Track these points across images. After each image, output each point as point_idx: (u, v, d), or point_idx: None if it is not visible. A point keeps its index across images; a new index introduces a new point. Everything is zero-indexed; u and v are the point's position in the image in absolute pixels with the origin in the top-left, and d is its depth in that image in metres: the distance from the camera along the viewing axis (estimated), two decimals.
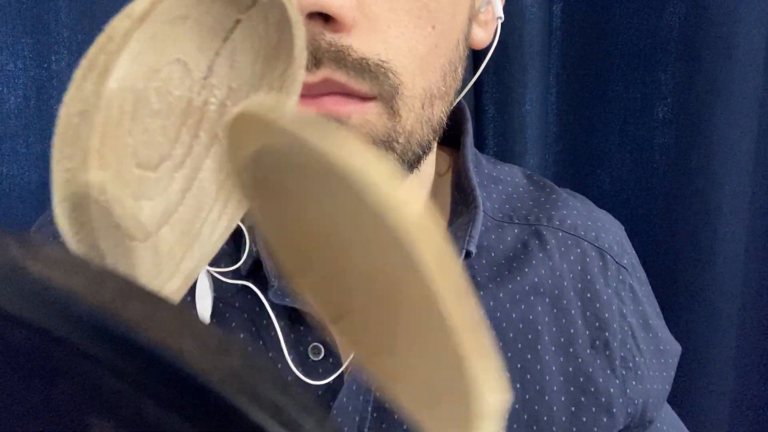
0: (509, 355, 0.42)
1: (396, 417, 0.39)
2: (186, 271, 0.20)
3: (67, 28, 0.59)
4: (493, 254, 0.44)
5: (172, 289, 0.20)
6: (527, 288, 0.43)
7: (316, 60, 0.30)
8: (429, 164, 0.44)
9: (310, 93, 0.31)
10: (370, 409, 0.39)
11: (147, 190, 0.18)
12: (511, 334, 0.42)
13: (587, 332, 0.44)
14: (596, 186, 0.67)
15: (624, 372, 0.44)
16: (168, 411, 0.10)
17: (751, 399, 0.69)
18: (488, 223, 0.45)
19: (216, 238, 0.21)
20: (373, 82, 0.31)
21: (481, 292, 0.42)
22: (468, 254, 0.41)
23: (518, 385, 0.41)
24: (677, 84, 0.62)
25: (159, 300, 0.11)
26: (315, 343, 0.40)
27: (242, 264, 0.40)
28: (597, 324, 0.44)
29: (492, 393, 0.14)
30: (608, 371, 0.43)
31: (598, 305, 0.44)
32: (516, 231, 0.45)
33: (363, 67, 0.31)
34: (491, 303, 0.42)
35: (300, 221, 0.17)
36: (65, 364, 0.10)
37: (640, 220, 0.65)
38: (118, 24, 0.15)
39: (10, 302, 0.10)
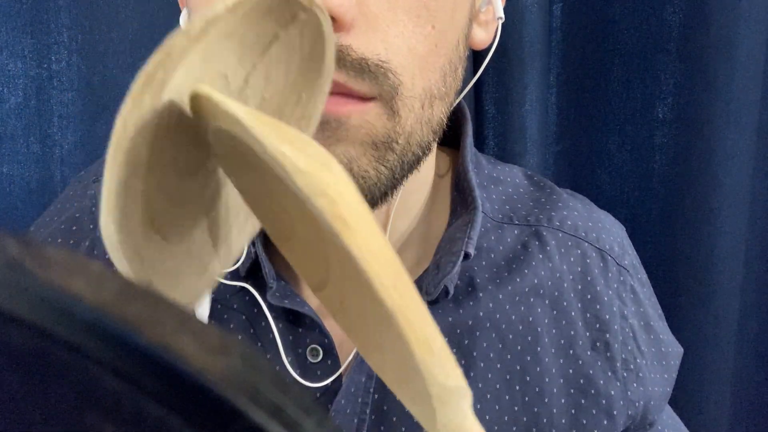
0: (508, 357, 0.42)
1: (394, 419, 0.39)
2: (213, 273, 0.21)
3: (67, 28, 0.59)
4: (492, 255, 0.44)
5: (198, 290, 0.20)
6: (527, 289, 0.43)
7: None
8: (429, 165, 0.44)
9: None
10: (368, 411, 0.39)
11: (184, 195, 0.19)
12: (511, 336, 0.42)
13: (588, 334, 0.43)
14: (596, 186, 0.67)
15: (625, 374, 0.44)
16: (168, 411, 0.10)
17: (751, 399, 0.69)
18: (488, 224, 0.45)
19: (242, 241, 0.21)
20: (372, 83, 0.31)
21: (481, 294, 0.42)
22: (467, 256, 0.40)
23: (517, 387, 0.41)
24: (677, 84, 0.62)
25: (159, 300, 0.11)
26: (313, 345, 0.40)
27: (240, 265, 0.40)
28: (598, 326, 0.44)
29: (444, 376, 0.15)
30: (609, 373, 0.43)
31: (598, 306, 0.44)
32: (516, 232, 0.45)
33: (362, 67, 0.31)
34: (490, 305, 0.42)
35: (270, 194, 0.18)
36: (65, 364, 0.10)
37: (639, 220, 0.65)
38: (176, 42, 0.16)
39: (10, 302, 0.10)
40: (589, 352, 0.43)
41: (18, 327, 0.10)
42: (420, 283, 0.41)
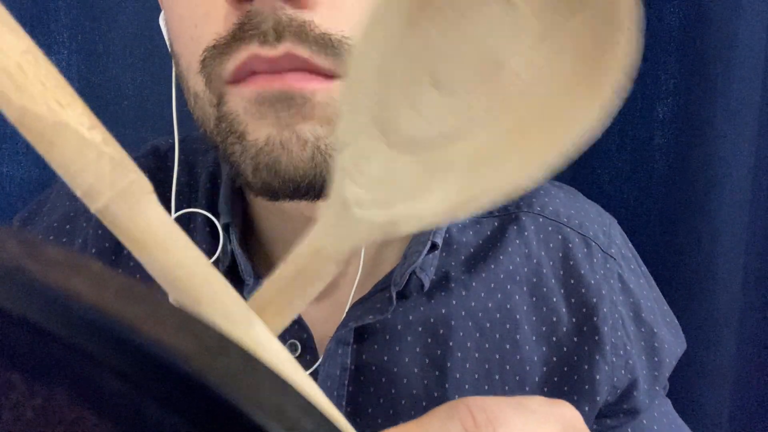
0: (486, 346, 0.41)
1: (369, 410, 0.40)
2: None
3: (67, 28, 0.59)
4: (471, 250, 0.44)
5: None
6: (502, 276, 0.42)
7: (277, 34, 0.29)
8: None
9: (273, 68, 0.30)
10: (343, 403, 0.40)
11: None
12: (488, 325, 0.41)
13: (573, 320, 0.43)
14: (596, 186, 0.67)
15: (614, 359, 0.43)
16: (168, 411, 0.10)
17: (751, 399, 0.69)
18: (466, 221, 0.45)
19: None
20: (336, 59, 0.30)
21: (453, 284, 0.42)
22: (435, 246, 0.40)
23: (497, 377, 0.41)
24: (677, 84, 0.62)
25: (159, 300, 0.11)
26: (292, 341, 0.40)
27: (219, 263, 0.40)
28: (584, 310, 0.43)
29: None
30: (597, 357, 0.42)
31: (583, 291, 0.43)
32: (495, 223, 0.45)
33: (326, 42, 0.30)
34: (463, 293, 0.41)
35: None
36: (65, 364, 0.10)
37: (639, 220, 0.65)
38: None
39: (10, 302, 0.10)
40: (574, 339, 0.42)
41: (18, 327, 0.10)
42: (390, 276, 0.41)
